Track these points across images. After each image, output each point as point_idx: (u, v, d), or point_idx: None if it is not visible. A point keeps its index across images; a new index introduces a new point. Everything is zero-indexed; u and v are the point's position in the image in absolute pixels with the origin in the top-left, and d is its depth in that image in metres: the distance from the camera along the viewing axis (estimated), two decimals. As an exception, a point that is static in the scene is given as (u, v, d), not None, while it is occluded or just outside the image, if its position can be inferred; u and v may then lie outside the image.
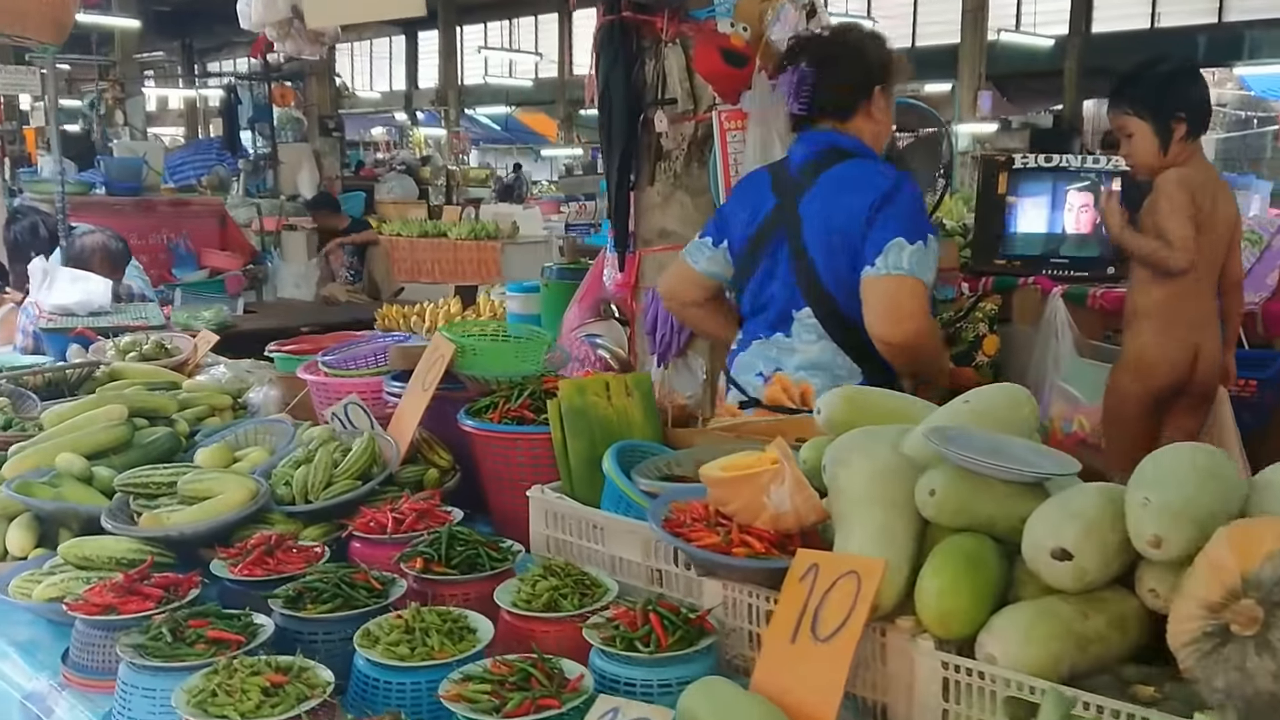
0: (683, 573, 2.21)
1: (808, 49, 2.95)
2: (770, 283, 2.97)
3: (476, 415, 2.75)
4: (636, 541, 2.28)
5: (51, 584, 2.22)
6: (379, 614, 2.03)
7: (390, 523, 2.40)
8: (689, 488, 2.17)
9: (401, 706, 1.81)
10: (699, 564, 1.95)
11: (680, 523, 1.99)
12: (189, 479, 2.51)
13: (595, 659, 1.88)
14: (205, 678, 1.75)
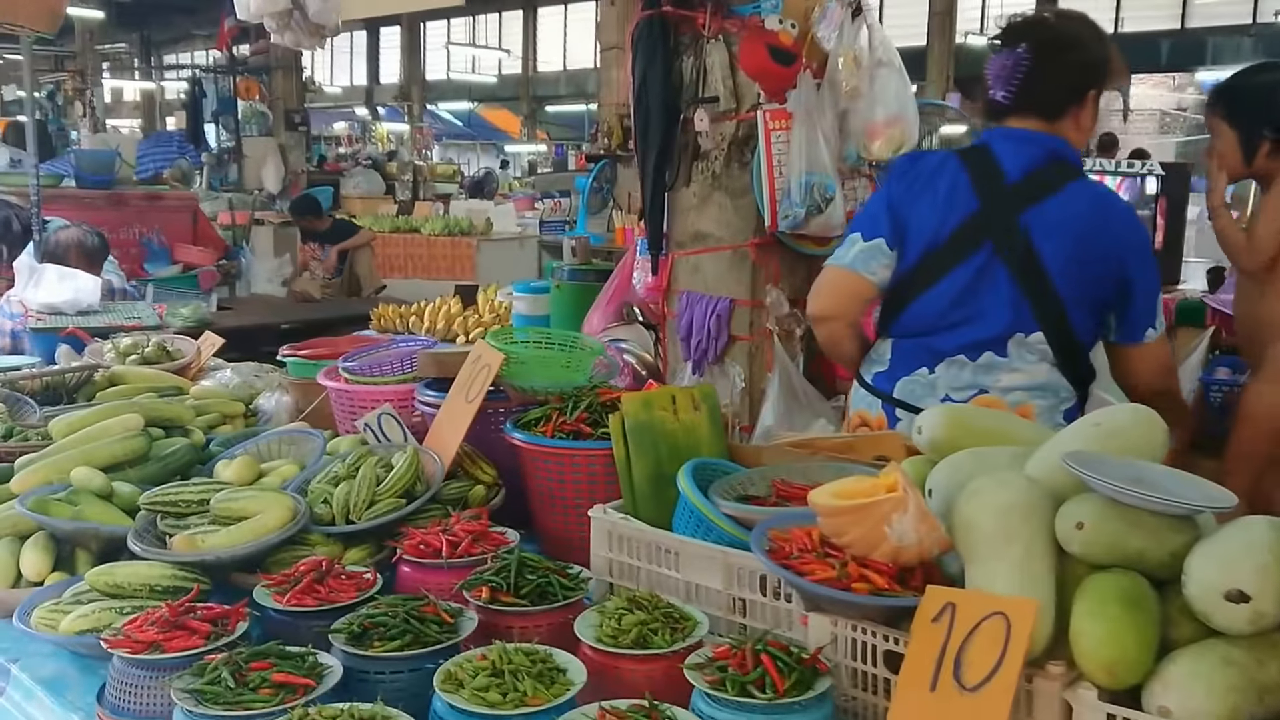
0: (771, 603, 2.06)
1: (1031, 32, 2.65)
2: (977, 298, 2.65)
3: (526, 428, 2.58)
4: (717, 568, 2.12)
5: (82, 615, 2.02)
6: (451, 652, 1.86)
7: (444, 546, 2.22)
8: (788, 513, 2.01)
9: (495, 760, 1.64)
10: (809, 599, 1.80)
11: (785, 553, 1.83)
12: (223, 497, 2.31)
13: (700, 703, 1.72)
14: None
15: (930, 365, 2.77)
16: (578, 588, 2.09)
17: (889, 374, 2.85)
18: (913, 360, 2.79)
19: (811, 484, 2.28)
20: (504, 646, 1.78)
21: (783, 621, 2.06)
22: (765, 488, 2.32)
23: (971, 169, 2.70)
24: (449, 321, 5.17)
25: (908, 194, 2.75)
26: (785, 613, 2.05)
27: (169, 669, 1.84)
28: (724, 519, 2.13)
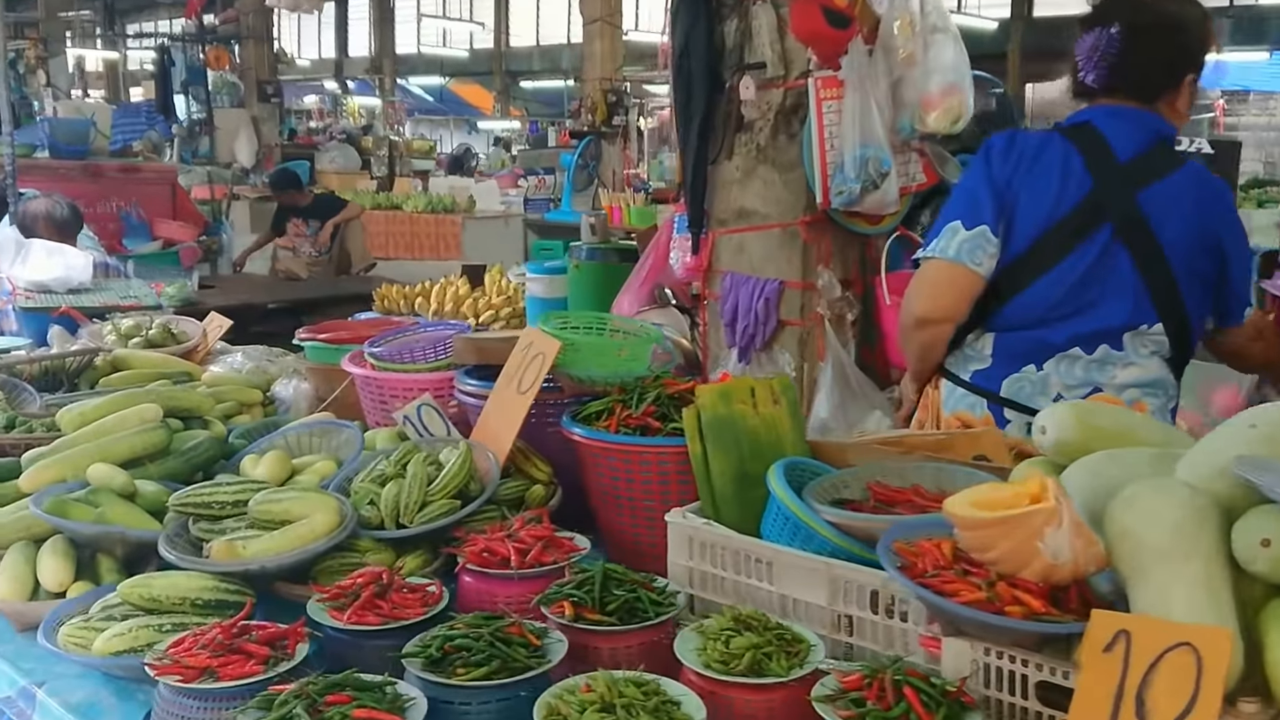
0: (884, 621, 1.88)
1: (1122, 10, 2.49)
2: (1097, 284, 2.47)
3: (586, 422, 2.38)
4: (820, 582, 1.94)
5: (118, 635, 1.81)
6: (542, 680, 1.67)
7: (512, 554, 2.02)
8: (909, 522, 1.83)
9: (611, 807, 1.45)
10: (950, 622, 1.61)
11: (918, 570, 1.65)
12: (262, 499, 2.10)
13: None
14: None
15: (1039, 361, 2.56)
16: (668, 604, 1.89)
17: (991, 372, 2.62)
18: (1019, 357, 2.58)
19: (910, 486, 2.11)
20: (611, 676, 1.59)
21: (896, 643, 1.88)
22: (860, 490, 2.13)
23: (1082, 147, 2.51)
24: (457, 303, 4.94)
25: (1014, 174, 2.53)
26: (900, 633, 1.87)
27: (226, 699, 1.64)
28: (827, 527, 1.94)
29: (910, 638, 1.86)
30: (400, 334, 3.14)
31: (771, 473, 2.06)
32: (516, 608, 2.02)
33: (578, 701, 1.54)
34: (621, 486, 2.31)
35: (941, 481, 2.11)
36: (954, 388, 2.70)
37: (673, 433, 2.29)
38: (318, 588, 1.96)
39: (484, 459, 2.35)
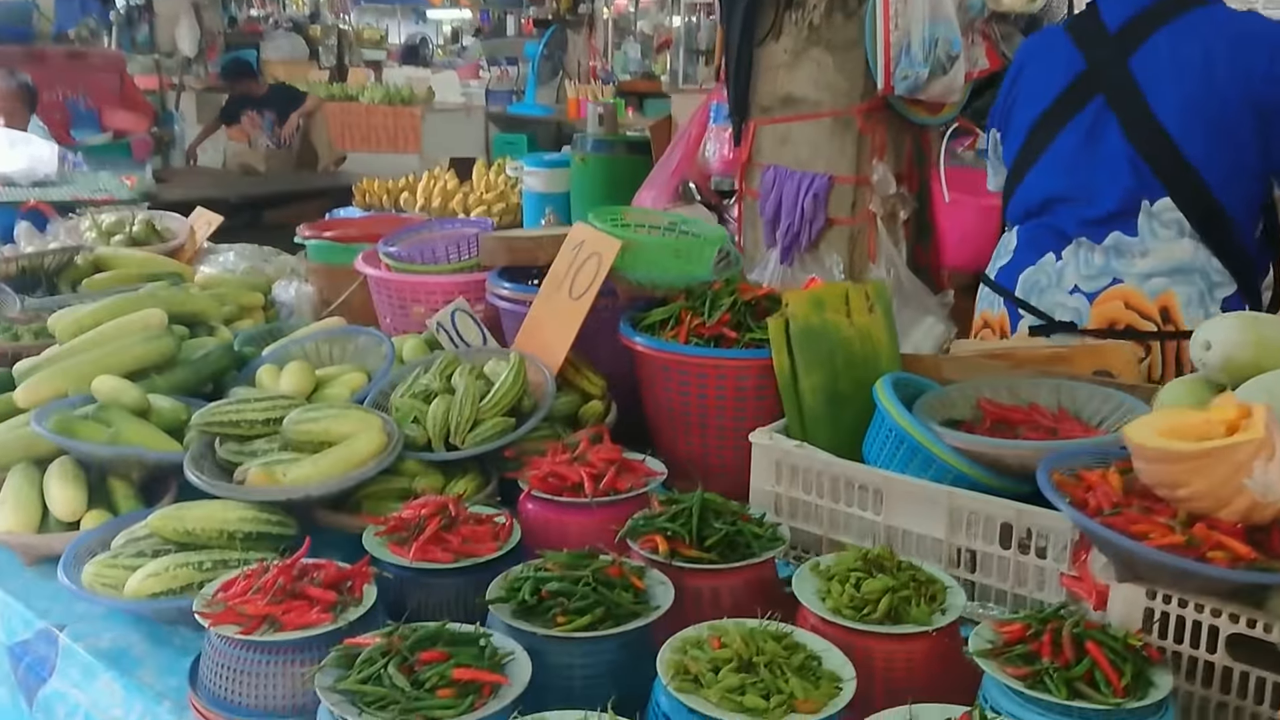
0: (1016, 558, 1.69)
1: None
2: (1090, 163, 2.33)
3: (649, 331, 2.14)
4: (939, 512, 1.74)
5: (154, 575, 1.57)
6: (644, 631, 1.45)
7: (585, 479, 1.80)
8: (1060, 449, 1.62)
9: (761, 781, 1.25)
10: (1131, 565, 1.41)
11: (1092, 507, 1.45)
12: (298, 419, 1.85)
13: (1001, 698, 1.34)
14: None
15: (1057, 249, 2.45)
16: (774, 537, 1.68)
17: (1013, 265, 2.54)
18: (1037, 245, 2.49)
19: (1027, 405, 1.91)
20: (745, 629, 1.38)
21: (1027, 580, 1.70)
22: (969, 409, 1.93)
23: (1074, 30, 2.43)
24: (445, 198, 4.63)
25: (1018, 72, 2.55)
26: (1034, 570, 1.68)
27: (291, 652, 1.41)
28: (950, 451, 1.73)
29: (1047, 576, 1.67)
30: (415, 231, 2.85)
31: (881, 389, 1.85)
32: (589, 541, 1.81)
33: (708, 659, 1.32)
34: (692, 403, 2.08)
35: (1062, 399, 1.91)
36: (983, 287, 2.63)
37: (751, 344, 2.06)
38: (369, 518, 1.72)
39: (536, 372, 2.10)
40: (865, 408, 1.98)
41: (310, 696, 1.40)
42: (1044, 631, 1.37)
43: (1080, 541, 1.62)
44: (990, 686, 1.37)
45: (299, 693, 1.41)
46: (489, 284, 2.47)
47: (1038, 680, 1.32)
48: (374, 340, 2.34)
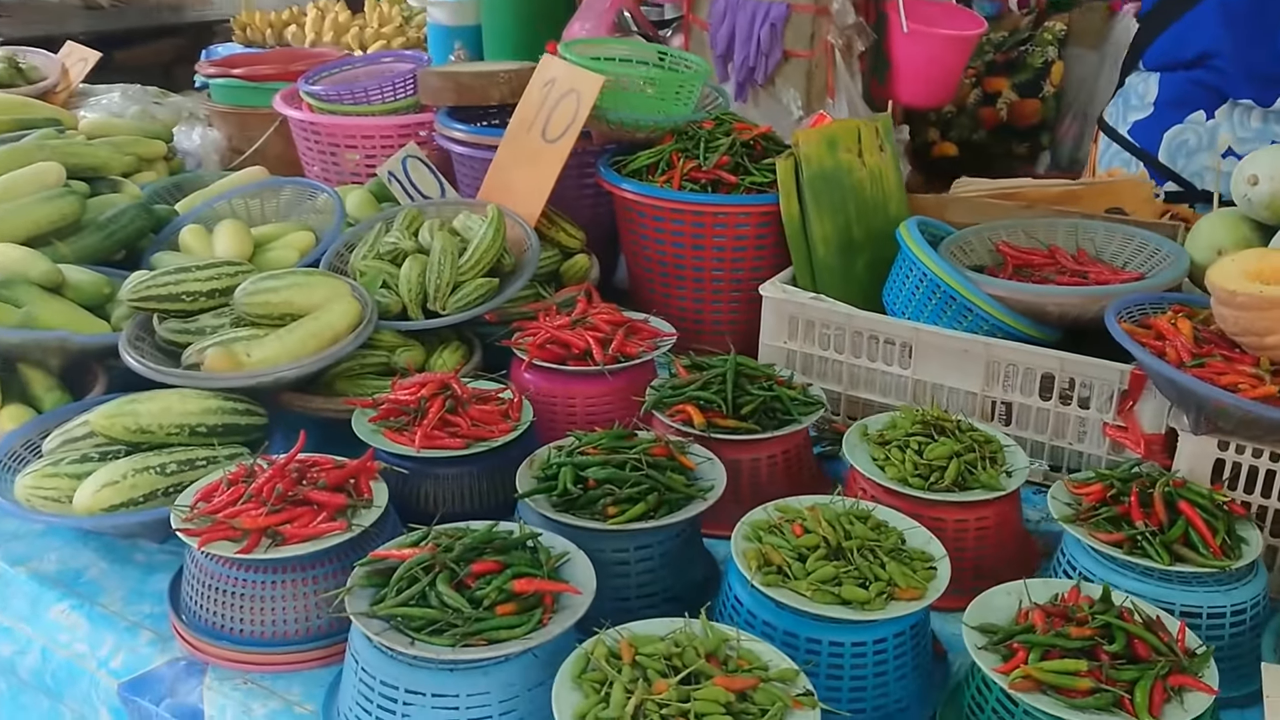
0: (1057, 409, 1.59)
1: None
2: (1259, 18, 2.07)
3: (635, 177, 1.93)
4: (975, 364, 1.62)
5: (109, 483, 1.34)
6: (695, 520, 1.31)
7: (593, 345, 1.62)
8: (1126, 296, 1.51)
9: (861, 679, 1.14)
10: (1215, 417, 1.32)
11: (1172, 358, 1.34)
12: (254, 289, 1.60)
13: (1088, 561, 1.26)
14: (588, 687, 1.01)
15: (1209, 108, 2.17)
16: (812, 401, 1.54)
17: (1154, 121, 2.23)
18: (1186, 101, 2.19)
19: (1045, 248, 1.79)
20: (830, 510, 1.24)
21: (1067, 432, 1.61)
22: (987, 254, 1.80)
23: None
24: (338, 31, 4.22)
25: None
26: (1075, 421, 1.59)
27: (301, 569, 1.22)
28: (989, 301, 1.60)
29: (1089, 426, 1.58)
30: (338, 68, 2.54)
31: (908, 235, 1.70)
32: (600, 415, 1.64)
33: (792, 548, 1.19)
34: (687, 255, 1.90)
35: (1080, 240, 1.80)
36: (1109, 143, 2.31)
37: (751, 189, 1.88)
38: (353, 401, 1.52)
39: (512, 226, 1.88)
40: (878, 256, 1.84)
41: (325, 619, 1.23)
42: (1126, 492, 1.28)
43: (1127, 391, 1.53)
44: (1074, 551, 1.28)
45: (313, 615, 1.23)
46: (438, 126, 2.20)
47: (1135, 546, 1.23)
48: (305, 193, 2.07)
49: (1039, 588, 1.17)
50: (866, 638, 1.14)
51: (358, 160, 2.34)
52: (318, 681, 1.21)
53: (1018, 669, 1.04)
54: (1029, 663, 1.04)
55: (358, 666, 1.10)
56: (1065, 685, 1.02)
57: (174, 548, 1.42)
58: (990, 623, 1.11)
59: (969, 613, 1.12)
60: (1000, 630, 1.09)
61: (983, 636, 1.09)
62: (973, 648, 1.08)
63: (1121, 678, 1.02)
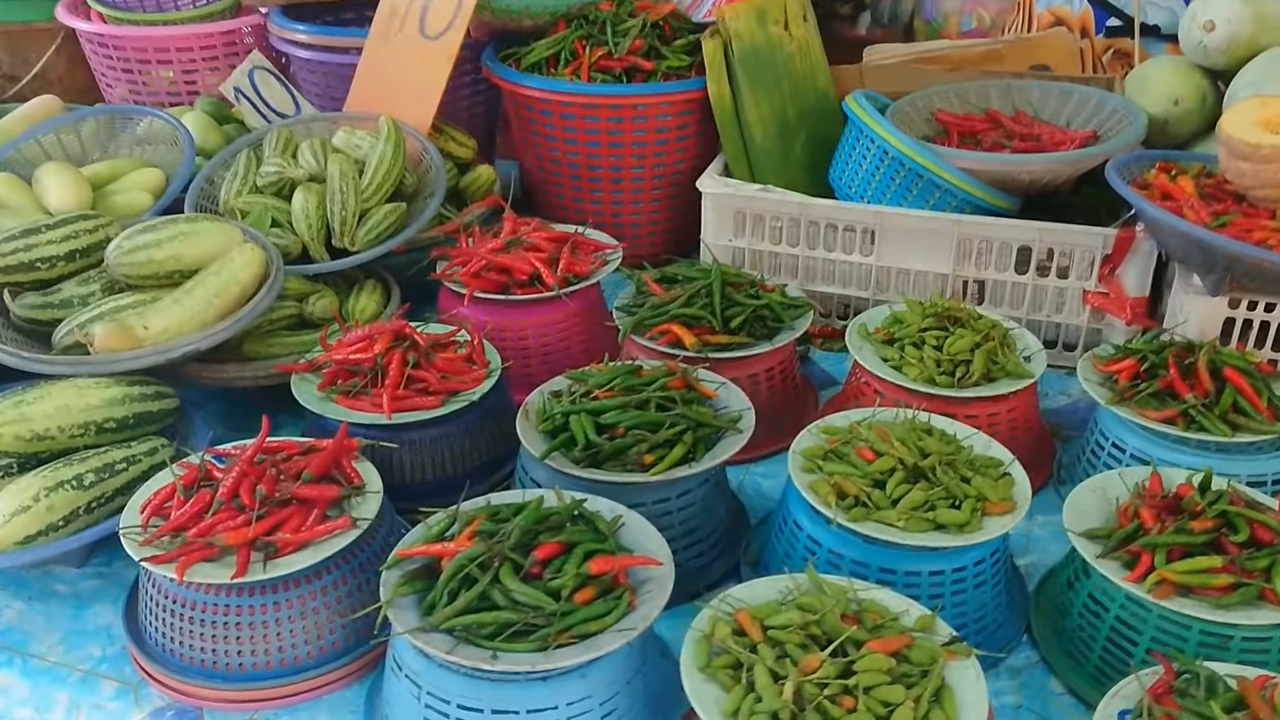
0: (1034, 282, 1.52)
1: None
2: None
3: (535, 71, 1.71)
4: (943, 245, 1.53)
5: (19, 509, 1.08)
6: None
7: (542, 269, 1.43)
8: (1125, 154, 1.44)
9: (962, 605, 1.05)
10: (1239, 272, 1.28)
11: (1192, 219, 1.29)
12: (131, 244, 1.31)
13: (1142, 444, 1.21)
14: (722, 676, 0.86)
15: None
16: (800, 305, 1.42)
17: None
18: None
19: (983, 112, 1.72)
20: (898, 426, 1.12)
21: (1045, 304, 1.55)
22: (925, 123, 1.70)
23: None
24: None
25: None
26: (1053, 293, 1.53)
27: (308, 582, 1.01)
28: (961, 175, 1.51)
29: (1069, 296, 1.53)
30: (124, -34, 2.13)
31: (862, 111, 1.57)
32: (553, 346, 1.46)
33: (862, 472, 1.07)
34: (602, 154, 1.71)
35: (1016, 101, 1.73)
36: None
37: (668, 75, 1.70)
38: (286, 367, 1.28)
39: (411, 142, 1.63)
40: (813, 137, 1.72)
41: (339, 633, 1.03)
42: (1161, 365, 1.23)
43: (1110, 256, 1.48)
44: (1119, 432, 1.22)
45: (325, 631, 1.03)
46: (274, 28, 1.89)
47: (1190, 421, 1.18)
48: (117, 119, 1.73)
49: (1115, 480, 1.10)
50: (966, 561, 1.05)
51: (173, 79, 2.00)
52: (344, 706, 1.02)
53: (1150, 575, 0.97)
54: (1156, 566, 0.98)
55: (420, 691, 0.91)
56: (1203, 584, 0.96)
57: (100, 568, 1.17)
58: (1094, 528, 1.04)
59: (1069, 519, 1.04)
60: (1112, 535, 1.02)
61: (1094, 544, 1.02)
62: (1091, 558, 1.00)
63: (1255, 567, 0.97)
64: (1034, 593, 1.16)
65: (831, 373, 1.57)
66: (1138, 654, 0.99)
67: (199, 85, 1.99)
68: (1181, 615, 0.95)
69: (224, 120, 1.84)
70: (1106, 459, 1.24)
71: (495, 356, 1.31)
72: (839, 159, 1.62)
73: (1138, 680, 0.86)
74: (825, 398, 1.50)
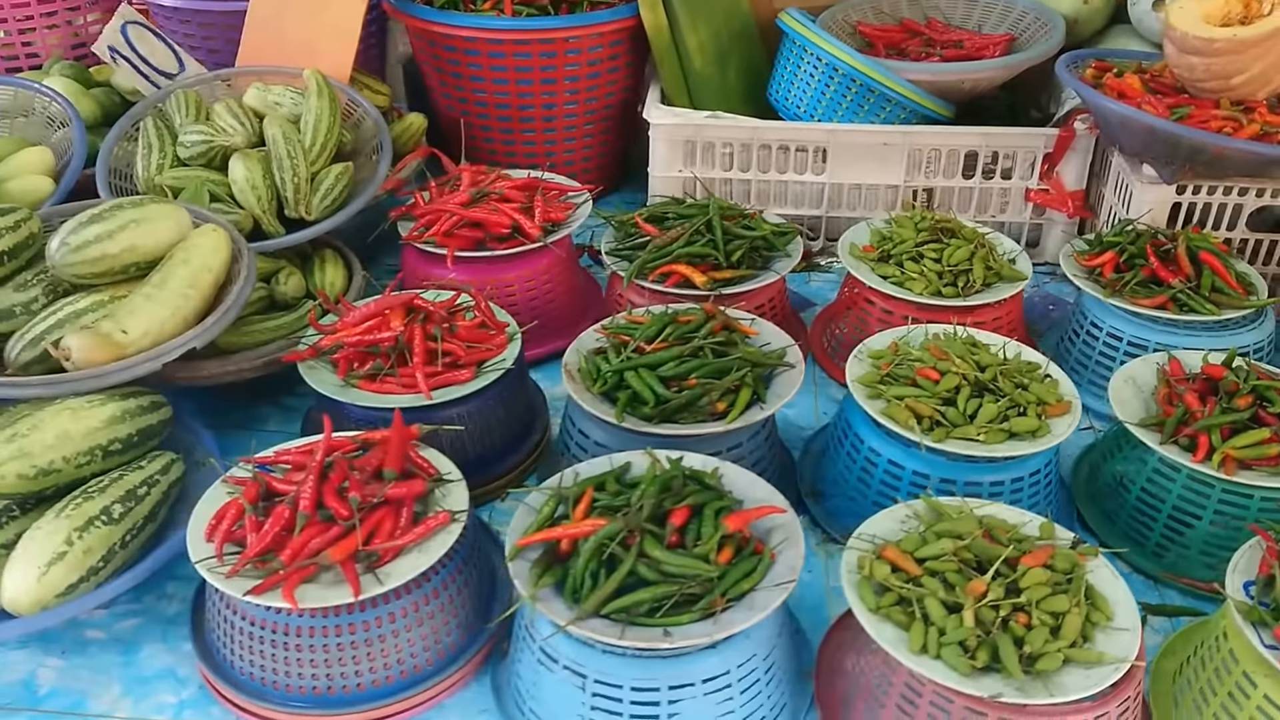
0: (980, 185, 1.58)
1: None
2: None
3: (452, 7, 1.61)
4: (895, 157, 1.56)
5: (54, 556, 0.95)
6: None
7: (521, 220, 1.36)
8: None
9: (1036, 508, 1.11)
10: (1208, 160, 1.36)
11: (1158, 110, 1.36)
12: (79, 239, 1.16)
13: (1144, 333, 1.29)
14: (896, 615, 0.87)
15: None
16: (785, 231, 1.41)
17: None
18: None
19: (899, 23, 1.75)
20: (954, 343, 1.15)
21: (990, 205, 1.62)
22: (850, 37, 1.71)
23: None
24: None
25: None
26: (997, 194, 1.60)
27: (419, 586, 0.95)
28: (912, 89, 1.54)
29: (1012, 195, 1.61)
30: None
31: (807, 29, 1.57)
32: (538, 299, 1.40)
33: (932, 395, 1.09)
34: (535, 90, 1.64)
35: (927, 9, 1.78)
36: None
37: (594, 5, 1.63)
38: (294, 356, 1.18)
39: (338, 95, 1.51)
40: (743, 59, 1.70)
41: (455, 634, 0.98)
42: (1140, 254, 1.32)
43: (1050, 155, 1.56)
44: (1115, 322, 1.30)
45: (442, 634, 0.97)
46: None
47: (1180, 305, 1.27)
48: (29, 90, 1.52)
49: (1140, 368, 1.18)
50: (1039, 465, 1.10)
51: (4, 39, 1.75)
52: (472, 705, 0.97)
53: (1213, 453, 1.05)
54: (1215, 445, 1.05)
55: (585, 680, 0.88)
56: (1259, 456, 1.05)
57: (129, 605, 1.06)
58: (1146, 417, 1.11)
59: (1121, 412, 1.11)
60: (1165, 422, 1.09)
61: (1151, 433, 1.09)
62: (1155, 445, 1.07)
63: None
64: (1075, 482, 1.23)
65: (801, 293, 1.58)
66: (1201, 528, 1.08)
67: (39, 47, 1.76)
68: (1246, 487, 1.04)
69: (88, 84, 1.64)
70: (1103, 347, 1.32)
71: (507, 317, 1.25)
72: (780, 79, 1.62)
73: (1249, 552, 0.94)
74: (807, 318, 1.52)
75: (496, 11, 1.59)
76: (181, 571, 1.06)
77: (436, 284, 1.30)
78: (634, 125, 1.79)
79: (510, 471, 1.22)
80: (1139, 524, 1.13)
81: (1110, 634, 0.86)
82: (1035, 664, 0.83)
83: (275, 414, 1.35)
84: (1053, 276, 1.62)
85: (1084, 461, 1.25)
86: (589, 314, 1.45)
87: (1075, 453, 1.27)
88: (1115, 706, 0.83)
